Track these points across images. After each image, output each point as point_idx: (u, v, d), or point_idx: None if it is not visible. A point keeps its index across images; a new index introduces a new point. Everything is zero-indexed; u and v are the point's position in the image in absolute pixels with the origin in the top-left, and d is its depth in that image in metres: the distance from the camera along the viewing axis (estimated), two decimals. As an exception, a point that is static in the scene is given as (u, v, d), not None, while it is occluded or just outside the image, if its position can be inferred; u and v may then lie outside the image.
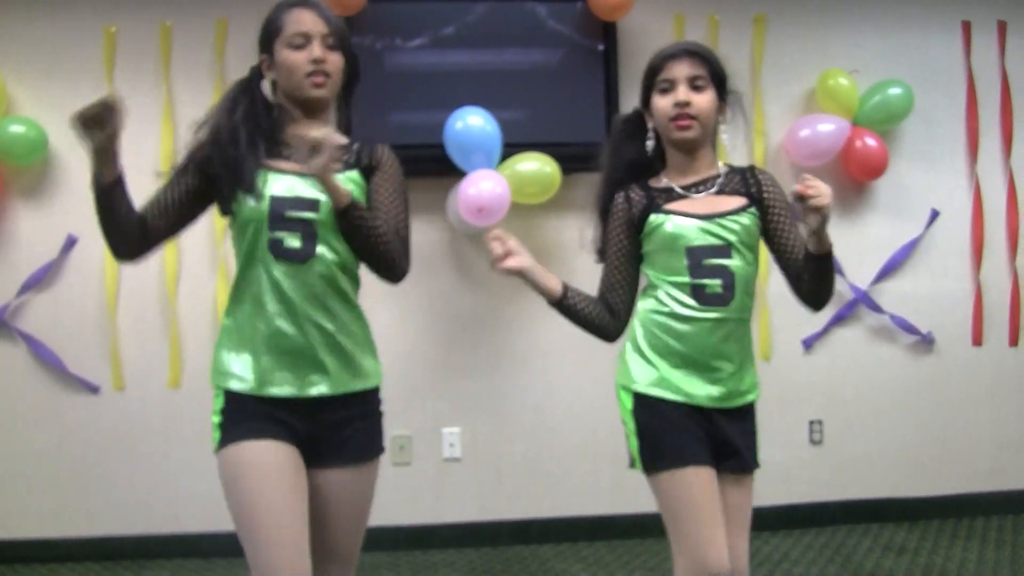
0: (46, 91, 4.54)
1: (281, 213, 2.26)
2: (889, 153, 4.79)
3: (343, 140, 2.26)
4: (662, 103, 2.44)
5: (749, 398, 2.51)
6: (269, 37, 2.40)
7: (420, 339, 4.72)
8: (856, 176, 4.84)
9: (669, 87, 2.44)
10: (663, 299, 2.44)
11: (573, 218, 4.41)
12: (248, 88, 2.43)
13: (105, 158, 2.16)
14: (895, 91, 4.77)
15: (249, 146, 2.30)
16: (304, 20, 2.33)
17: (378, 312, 4.62)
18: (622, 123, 2.63)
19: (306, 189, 2.29)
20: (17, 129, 4.38)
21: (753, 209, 2.45)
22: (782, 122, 4.90)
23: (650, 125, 2.52)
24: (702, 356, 2.40)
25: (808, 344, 4.91)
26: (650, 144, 2.53)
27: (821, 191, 2.24)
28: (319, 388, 2.31)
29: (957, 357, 5.03)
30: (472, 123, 4.35)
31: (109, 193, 2.20)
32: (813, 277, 2.39)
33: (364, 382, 2.41)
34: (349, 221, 2.25)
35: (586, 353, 3.68)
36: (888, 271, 4.95)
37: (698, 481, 2.35)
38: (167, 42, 4.61)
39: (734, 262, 2.40)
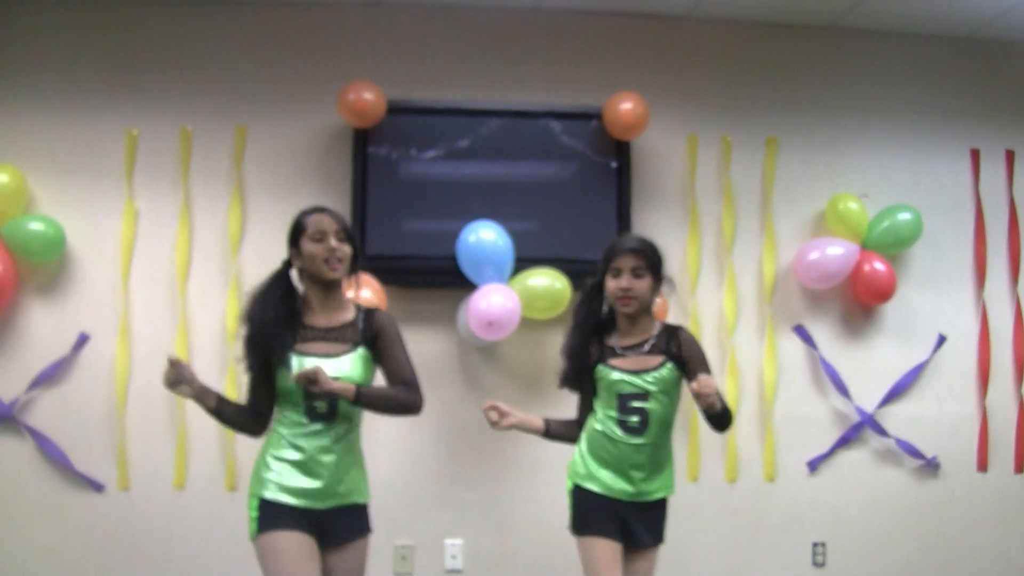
0: (66, 190, 4.60)
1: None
2: (897, 277, 4.83)
3: (327, 381, 2.99)
4: (612, 284, 3.33)
5: (657, 495, 3.36)
6: (296, 235, 3.16)
7: (425, 449, 4.72)
8: (864, 299, 4.87)
9: (617, 273, 3.32)
10: (602, 424, 3.36)
11: (582, 335, 4.44)
12: (280, 277, 3.20)
13: (199, 397, 3.12)
14: (904, 216, 4.82)
15: (280, 332, 3.11)
16: (322, 221, 3.13)
17: (384, 422, 4.66)
18: (588, 289, 3.48)
19: (328, 369, 3.03)
20: (36, 227, 4.42)
21: (671, 364, 3.31)
22: (791, 244, 4.95)
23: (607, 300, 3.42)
24: (622, 466, 3.31)
25: (813, 466, 4.90)
26: (604, 308, 3.46)
27: (707, 391, 3.09)
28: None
29: (962, 482, 5.01)
30: (485, 237, 4.41)
31: (219, 413, 3.19)
32: (708, 421, 3.29)
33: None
34: (363, 404, 3.16)
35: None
36: (894, 395, 4.96)
37: (601, 547, 3.29)
38: (187, 146, 4.67)
39: (650, 405, 3.29)
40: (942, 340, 5.03)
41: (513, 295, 4.37)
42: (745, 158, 4.97)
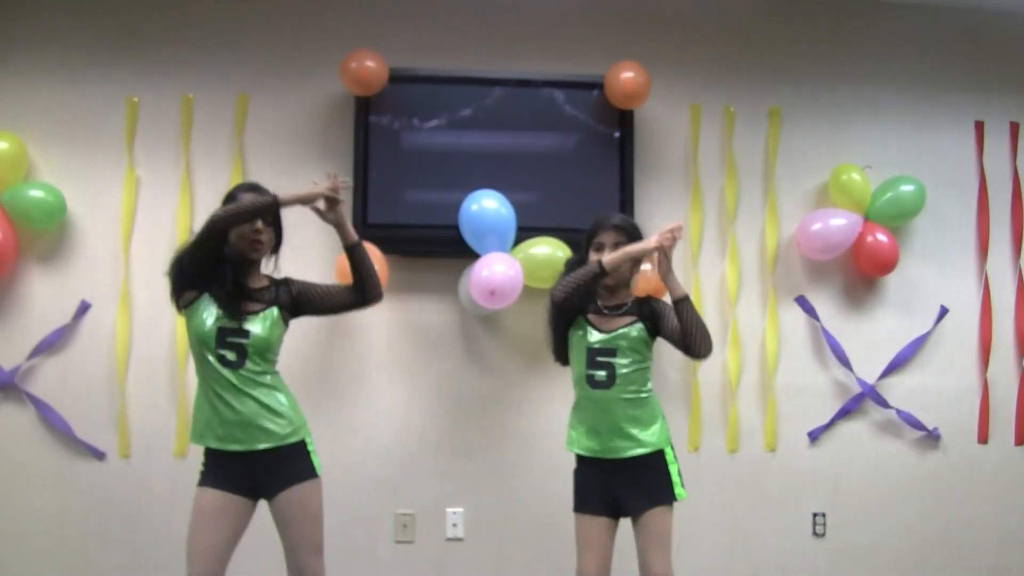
0: (67, 158, 4.59)
1: (223, 338, 3.27)
2: (900, 249, 4.83)
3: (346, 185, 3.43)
4: (594, 259, 3.47)
5: (631, 453, 3.44)
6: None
7: (427, 418, 4.73)
8: (866, 271, 4.86)
9: (600, 248, 3.51)
10: (576, 383, 3.57)
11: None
12: (215, 235, 3.26)
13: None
14: (907, 188, 4.82)
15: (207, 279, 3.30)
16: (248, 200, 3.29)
17: (385, 391, 4.72)
18: (570, 263, 3.63)
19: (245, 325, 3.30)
20: (36, 194, 4.41)
21: (641, 324, 3.49)
22: (794, 215, 4.95)
23: None
24: (591, 421, 3.50)
25: (814, 436, 4.91)
26: None
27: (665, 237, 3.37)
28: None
29: (962, 454, 5.03)
30: (487, 206, 4.39)
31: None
32: (681, 324, 3.41)
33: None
34: (359, 252, 3.44)
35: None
36: (896, 366, 4.97)
37: (584, 524, 3.52)
38: (188, 114, 4.65)
39: (617, 360, 3.46)
40: (944, 312, 5.03)
41: (515, 264, 4.36)
42: (748, 128, 4.96)
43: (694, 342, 3.42)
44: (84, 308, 4.56)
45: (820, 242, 4.77)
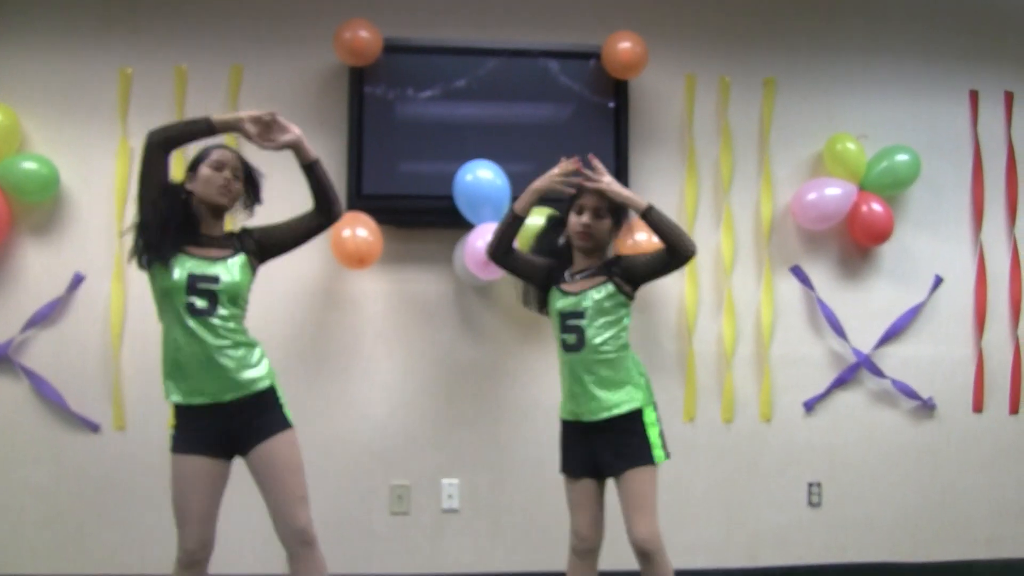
0: (60, 129, 4.58)
1: (194, 284, 3.23)
2: (895, 218, 4.84)
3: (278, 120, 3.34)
4: (574, 219, 3.54)
5: (605, 415, 3.45)
6: (196, 162, 3.36)
7: (422, 389, 4.72)
8: (861, 241, 4.86)
9: (581, 210, 3.53)
10: (556, 348, 3.59)
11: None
12: (174, 189, 3.33)
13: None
14: (902, 157, 4.81)
15: (171, 232, 3.25)
16: (225, 155, 3.36)
17: (381, 362, 4.71)
18: (551, 220, 3.72)
19: (214, 271, 3.27)
20: (29, 166, 4.40)
21: (609, 284, 3.47)
22: (789, 185, 4.94)
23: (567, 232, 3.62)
24: (568, 384, 3.54)
25: (809, 406, 4.91)
26: (561, 240, 3.66)
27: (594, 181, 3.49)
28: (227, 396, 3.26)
29: (957, 423, 5.04)
30: (482, 176, 4.38)
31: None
32: (657, 235, 3.42)
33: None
34: (317, 171, 3.39)
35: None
36: (891, 336, 4.97)
37: (570, 488, 3.60)
38: (182, 85, 4.63)
39: (585, 322, 3.46)
40: (939, 281, 5.04)
41: (510, 234, 4.35)
42: (743, 98, 4.95)
43: (676, 245, 3.40)
44: (78, 280, 4.55)
45: (815, 212, 4.76)
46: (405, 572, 4.68)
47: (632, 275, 3.50)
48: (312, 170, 3.39)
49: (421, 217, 4.63)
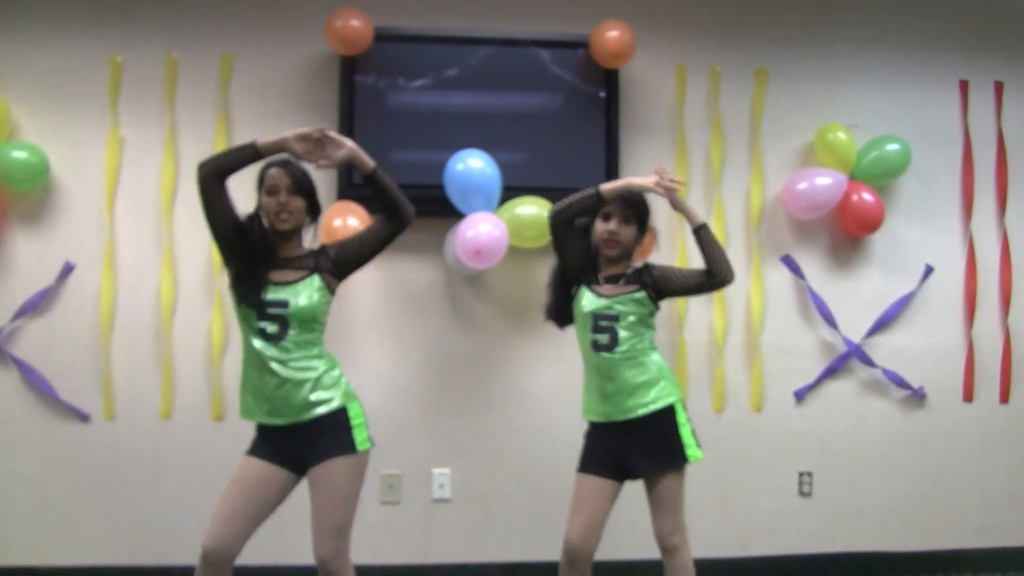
0: (50, 118, 4.57)
1: (264, 310, 3.21)
2: (885, 208, 4.84)
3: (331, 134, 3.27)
4: (600, 227, 3.56)
5: (639, 412, 3.47)
6: (259, 185, 3.31)
7: (413, 379, 4.72)
8: (852, 230, 4.87)
9: (607, 217, 3.54)
10: (582, 350, 3.61)
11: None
12: (255, 219, 3.31)
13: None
14: (892, 147, 4.82)
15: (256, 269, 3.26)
16: (275, 176, 3.27)
17: (372, 352, 4.70)
18: (577, 229, 3.64)
19: (285, 295, 3.23)
20: (19, 155, 4.39)
21: (643, 292, 3.51)
22: (780, 174, 4.95)
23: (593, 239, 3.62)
24: (598, 384, 3.53)
25: (800, 396, 4.92)
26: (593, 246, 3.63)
27: (666, 184, 3.49)
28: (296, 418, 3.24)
29: (948, 413, 5.05)
30: (472, 166, 4.37)
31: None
32: (702, 252, 3.52)
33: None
34: (378, 177, 3.30)
35: (577, 397, 3.68)
36: (881, 325, 4.98)
37: (584, 484, 3.54)
38: (172, 74, 4.63)
39: (619, 325, 3.49)
40: (929, 271, 5.04)
41: (500, 224, 4.36)
42: (734, 88, 4.95)
43: (717, 268, 3.50)
44: (68, 269, 4.54)
45: (806, 201, 4.77)
46: (396, 562, 4.68)
47: (663, 288, 3.55)
48: (374, 179, 3.30)
49: (412, 206, 4.62)
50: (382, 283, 4.70)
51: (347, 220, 4.34)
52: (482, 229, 4.29)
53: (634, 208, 3.54)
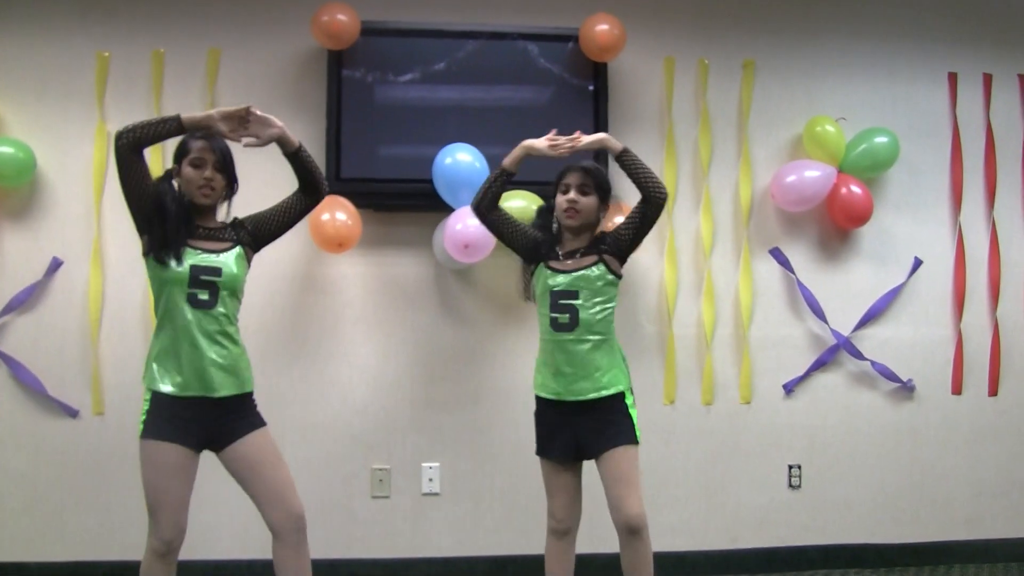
0: (37, 114, 4.56)
1: (197, 276, 3.23)
2: (874, 201, 4.83)
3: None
4: (560, 199, 3.62)
5: (591, 395, 3.49)
6: (180, 155, 3.34)
7: (402, 373, 4.72)
8: (840, 223, 4.87)
9: (566, 189, 3.60)
10: (541, 326, 3.62)
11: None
12: (168, 180, 3.33)
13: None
14: (881, 140, 4.81)
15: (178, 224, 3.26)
16: (203, 149, 3.30)
17: (361, 346, 4.70)
18: (540, 210, 3.81)
19: (214, 262, 3.28)
20: (6, 151, 4.38)
21: (601, 264, 3.53)
22: (768, 167, 4.94)
23: (555, 215, 3.67)
24: (555, 363, 3.54)
25: (789, 389, 4.92)
26: (555, 226, 3.69)
27: (563, 146, 3.65)
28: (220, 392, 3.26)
29: (936, 405, 5.05)
30: (461, 159, 4.36)
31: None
32: (631, 177, 3.56)
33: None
34: (302, 155, 3.38)
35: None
36: (870, 318, 4.98)
37: (546, 469, 3.65)
38: (159, 69, 4.61)
39: (579, 302, 3.50)
40: (918, 264, 5.04)
41: (489, 217, 4.35)
42: (722, 81, 4.94)
43: (649, 187, 3.51)
44: (56, 265, 4.53)
45: (794, 194, 4.76)
46: (386, 556, 4.68)
47: (619, 243, 3.57)
48: (297, 157, 3.37)
49: (400, 200, 4.63)
50: (371, 277, 4.70)
51: (335, 214, 4.34)
52: (471, 223, 4.27)
53: (592, 177, 3.60)
